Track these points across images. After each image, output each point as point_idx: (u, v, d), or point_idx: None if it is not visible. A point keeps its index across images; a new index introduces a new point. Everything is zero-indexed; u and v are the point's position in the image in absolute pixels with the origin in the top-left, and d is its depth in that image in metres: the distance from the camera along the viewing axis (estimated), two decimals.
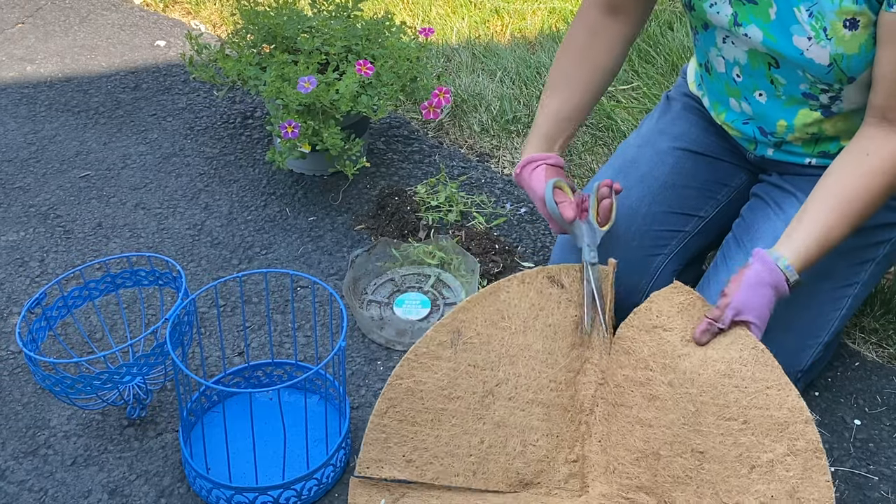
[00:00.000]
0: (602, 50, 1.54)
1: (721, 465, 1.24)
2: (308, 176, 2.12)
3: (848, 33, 1.28)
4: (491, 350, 1.37)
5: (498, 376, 1.36)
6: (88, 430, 1.52)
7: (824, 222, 1.29)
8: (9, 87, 2.49)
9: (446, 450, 1.34)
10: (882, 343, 1.67)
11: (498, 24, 2.79)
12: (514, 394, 1.36)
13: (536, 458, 1.35)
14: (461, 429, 1.35)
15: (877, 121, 1.31)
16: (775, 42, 1.35)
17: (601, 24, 1.53)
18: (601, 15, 1.53)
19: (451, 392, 1.35)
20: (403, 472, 1.34)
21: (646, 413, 1.32)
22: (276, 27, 1.99)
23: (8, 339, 1.70)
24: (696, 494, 1.25)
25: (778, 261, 1.28)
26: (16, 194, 2.09)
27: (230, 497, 1.36)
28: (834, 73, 1.33)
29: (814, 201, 1.31)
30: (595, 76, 1.54)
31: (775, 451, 1.21)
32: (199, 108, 2.39)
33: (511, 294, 1.39)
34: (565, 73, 1.55)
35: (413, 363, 1.35)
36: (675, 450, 1.28)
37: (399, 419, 1.34)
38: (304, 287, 1.82)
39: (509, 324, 1.38)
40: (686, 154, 1.64)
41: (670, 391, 1.30)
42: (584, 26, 1.54)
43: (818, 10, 1.29)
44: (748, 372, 1.25)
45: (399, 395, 1.34)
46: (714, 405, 1.26)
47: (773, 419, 1.22)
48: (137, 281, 1.56)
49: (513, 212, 2.01)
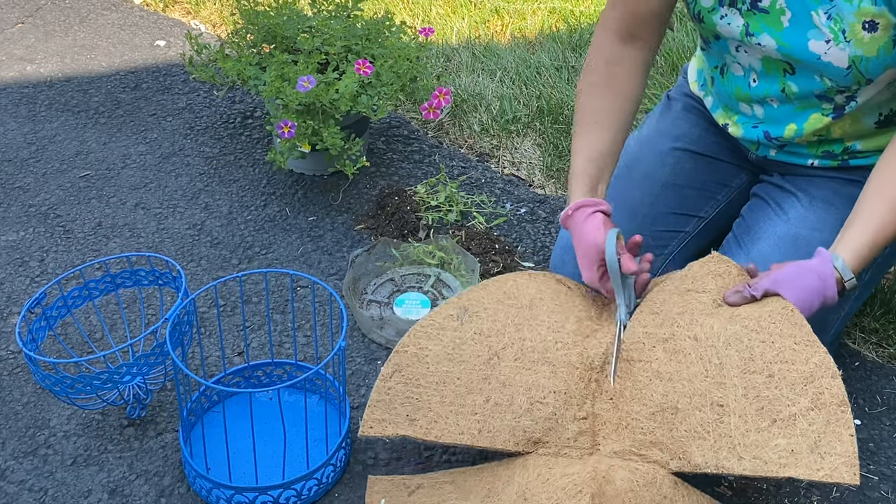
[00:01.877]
0: (624, 79, 1.49)
1: (741, 418, 1.22)
2: (308, 176, 2.12)
3: (867, 35, 1.28)
4: (497, 320, 1.39)
5: (503, 341, 1.37)
6: (88, 430, 1.52)
7: (878, 221, 1.28)
8: (9, 87, 2.48)
9: (450, 409, 1.34)
10: (882, 343, 1.67)
11: (498, 24, 2.79)
12: (521, 355, 1.36)
13: (544, 415, 1.33)
14: (465, 388, 1.35)
15: None
16: (790, 48, 1.35)
17: (618, 54, 1.49)
18: (618, 44, 1.49)
19: (456, 356, 1.37)
20: (407, 430, 1.34)
21: (666, 367, 1.29)
22: (276, 27, 1.99)
23: (8, 338, 1.70)
24: (713, 449, 1.23)
25: (835, 260, 1.27)
26: (16, 194, 2.09)
27: (230, 497, 1.36)
28: (853, 75, 1.32)
29: (865, 201, 1.30)
30: (622, 106, 1.49)
31: (798, 405, 1.19)
32: (199, 108, 2.39)
33: (518, 282, 1.44)
34: (591, 111, 1.49)
35: (419, 333, 1.39)
36: (695, 403, 1.26)
37: (404, 382, 1.36)
38: (304, 287, 1.82)
39: (516, 301, 1.41)
40: (686, 154, 1.64)
41: (694, 345, 1.29)
42: (602, 58, 1.50)
43: (837, 13, 1.29)
44: (776, 328, 1.24)
45: (404, 361, 1.37)
46: (739, 358, 1.24)
47: (798, 373, 1.21)
48: (137, 281, 1.56)
49: (513, 212, 2.01)
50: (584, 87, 1.51)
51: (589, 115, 1.48)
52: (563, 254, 1.58)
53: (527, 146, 2.23)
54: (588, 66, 1.52)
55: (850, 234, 1.29)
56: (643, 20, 1.47)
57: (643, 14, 1.47)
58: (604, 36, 1.50)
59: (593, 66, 1.51)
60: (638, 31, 1.48)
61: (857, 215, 1.30)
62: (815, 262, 1.28)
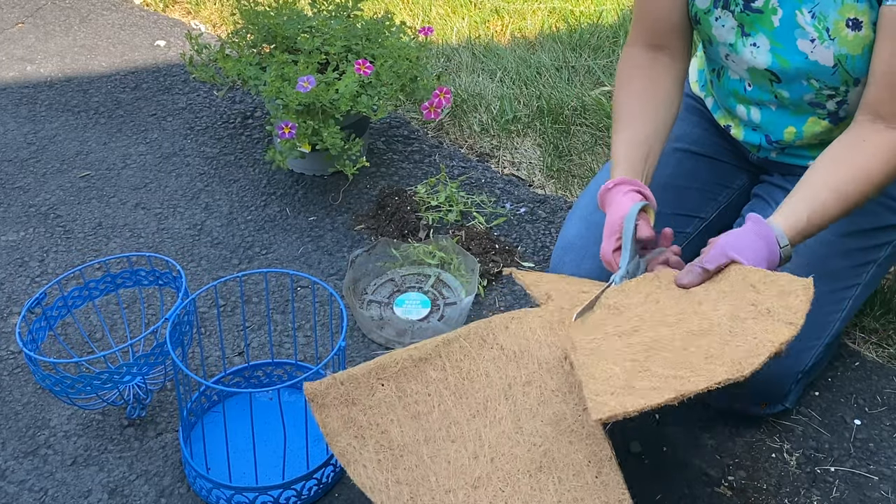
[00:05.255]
0: (658, 82, 1.49)
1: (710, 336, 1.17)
2: (308, 176, 2.12)
3: (851, 33, 1.28)
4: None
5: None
6: (88, 430, 1.52)
7: (817, 198, 1.27)
8: (9, 87, 2.49)
9: None
10: (882, 343, 1.67)
11: (498, 24, 2.79)
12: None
13: None
14: None
15: (870, 119, 1.29)
16: (782, 49, 1.35)
17: (649, 61, 1.50)
18: (647, 54, 1.50)
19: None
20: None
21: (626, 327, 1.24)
22: (276, 27, 1.99)
23: (8, 339, 1.70)
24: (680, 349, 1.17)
25: (770, 224, 1.25)
26: (16, 194, 2.09)
27: (230, 497, 1.36)
28: (839, 74, 1.33)
29: (808, 179, 1.29)
30: (658, 106, 1.47)
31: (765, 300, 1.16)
32: (199, 108, 2.39)
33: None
34: (629, 110, 1.47)
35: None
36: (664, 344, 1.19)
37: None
38: (304, 287, 1.82)
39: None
40: (687, 155, 1.64)
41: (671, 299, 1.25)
42: (633, 65, 1.51)
43: (820, 11, 1.29)
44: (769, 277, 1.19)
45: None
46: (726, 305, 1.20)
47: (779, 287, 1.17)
48: (137, 281, 1.56)
49: (513, 212, 2.01)
50: (619, 91, 1.50)
51: (627, 114, 1.47)
52: (563, 254, 1.58)
53: (527, 146, 2.23)
54: (620, 76, 1.51)
55: (787, 207, 1.27)
56: (666, 32, 1.49)
57: (665, 27, 1.49)
58: (632, 49, 1.52)
59: (626, 76, 1.51)
60: (664, 42, 1.50)
61: (798, 190, 1.28)
62: (753, 226, 1.25)
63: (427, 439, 1.25)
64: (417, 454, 1.24)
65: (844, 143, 1.31)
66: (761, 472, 1.44)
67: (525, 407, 1.26)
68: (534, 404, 1.26)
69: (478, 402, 1.28)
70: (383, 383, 1.27)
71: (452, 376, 1.29)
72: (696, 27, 1.48)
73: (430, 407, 1.27)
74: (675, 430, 1.50)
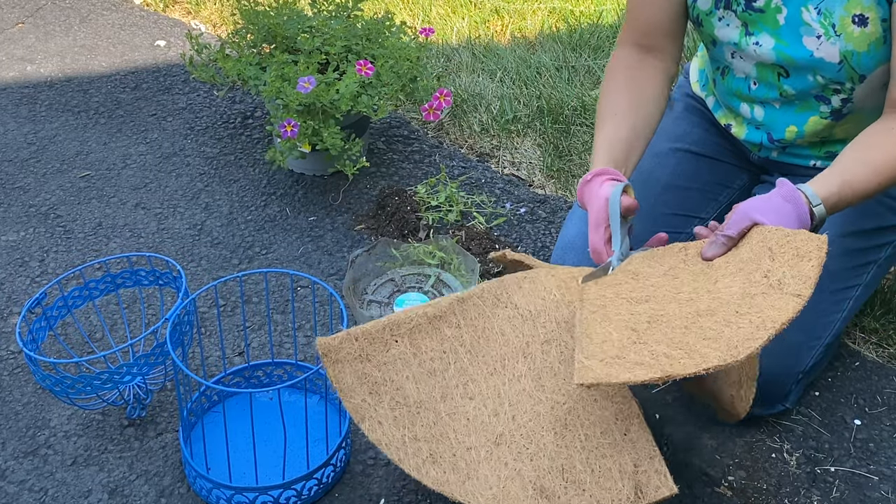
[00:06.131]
0: (644, 82, 1.49)
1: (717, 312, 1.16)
2: (308, 176, 2.12)
3: (857, 30, 1.29)
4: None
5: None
6: (88, 430, 1.52)
7: (849, 170, 1.25)
8: (9, 87, 2.48)
9: None
10: (882, 343, 1.67)
11: (498, 24, 2.79)
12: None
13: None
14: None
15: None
16: (787, 46, 1.35)
17: (638, 62, 1.51)
18: (637, 54, 1.51)
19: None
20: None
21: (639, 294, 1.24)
22: (276, 27, 1.99)
23: (8, 339, 1.70)
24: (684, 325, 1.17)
25: (800, 187, 1.23)
26: (16, 194, 2.09)
27: (230, 497, 1.36)
28: (845, 70, 1.33)
29: (839, 159, 1.29)
30: (642, 104, 1.47)
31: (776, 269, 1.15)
32: (199, 108, 2.39)
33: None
34: (611, 108, 1.47)
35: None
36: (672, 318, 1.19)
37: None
38: (304, 287, 1.82)
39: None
40: (688, 155, 1.64)
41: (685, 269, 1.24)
42: (622, 64, 1.51)
43: (826, 8, 1.30)
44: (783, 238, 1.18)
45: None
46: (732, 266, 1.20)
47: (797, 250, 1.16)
48: (137, 281, 1.56)
49: (513, 212, 2.01)
50: (605, 89, 1.51)
51: (609, 111, 1.47)
52: (563, 253, 1.58)
53: (527, 146, 2.23)
54: (608, 74, 1.53)
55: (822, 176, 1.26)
56: (656, 34, 1.50)
57: (655, 29, 1.50)
58: (622, 49, 1.53)
59: (613, 73, 1.52)
60: (653, 43, 1.51)
61: (830, 168, 1.28)
62: (777, 189, 1.24)
63: (444, 396, 1.24)
64: (435, 411, 1.22)
65: (875, 129, 1.31)
66: (761, 472, 1.44)
67: (545, 365, 1.25)
68: (554, 363, 1.25)
69: (494, 360, 1.27)
70: (397, 339, 1.25)
71: (468, 334, 1.28)
72: (697, 29, 1.48)
73: (446, 364, 1.26)
74: (676, 430, 1.50)
